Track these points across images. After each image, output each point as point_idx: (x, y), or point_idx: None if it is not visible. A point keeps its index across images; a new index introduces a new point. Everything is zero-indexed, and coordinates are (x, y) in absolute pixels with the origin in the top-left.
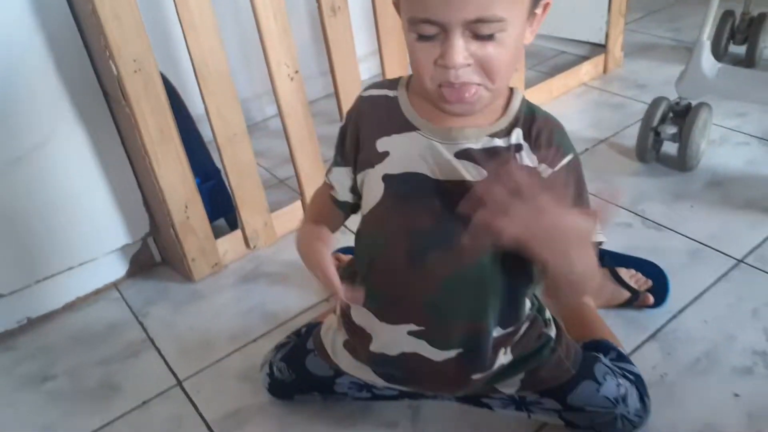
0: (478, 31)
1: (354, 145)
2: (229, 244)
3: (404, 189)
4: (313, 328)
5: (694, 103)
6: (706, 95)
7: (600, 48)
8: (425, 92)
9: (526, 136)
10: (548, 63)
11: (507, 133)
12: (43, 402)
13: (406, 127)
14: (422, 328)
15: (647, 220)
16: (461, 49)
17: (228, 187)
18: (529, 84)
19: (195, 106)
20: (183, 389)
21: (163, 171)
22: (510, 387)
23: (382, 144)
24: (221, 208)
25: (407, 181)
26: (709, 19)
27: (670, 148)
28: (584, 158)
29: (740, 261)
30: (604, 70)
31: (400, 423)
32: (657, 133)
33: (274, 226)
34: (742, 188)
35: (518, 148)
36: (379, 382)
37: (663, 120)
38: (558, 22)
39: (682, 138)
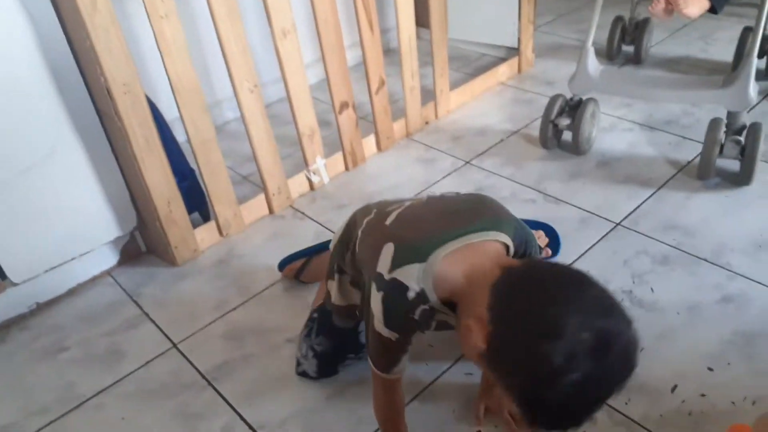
0: None
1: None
2: (206, 233)
3: None
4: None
5: (584, 98)
6: (592, 92)
7: (514, 51)
8: None
9: None
10: (472, 65)
11: None
12: (61, 368)
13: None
14: None
15: (548, 196)
16: None
17: (202, 185)
18: (454, 85)
19: (167, 112)
20: (178, 350)
21: (150, 174)
22: None
23: None
24: (196, 203)
25: None
26: (591, 29)
27: (568, 135)
28: (499, 148)
29: (618, 224)
30: (519, 70)
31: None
32: (555, 125)
33: (243, 216)
34: (624, 166)
35: None
36: None
37: (561, 113)
38: (478, 29)
39: (574, 128)
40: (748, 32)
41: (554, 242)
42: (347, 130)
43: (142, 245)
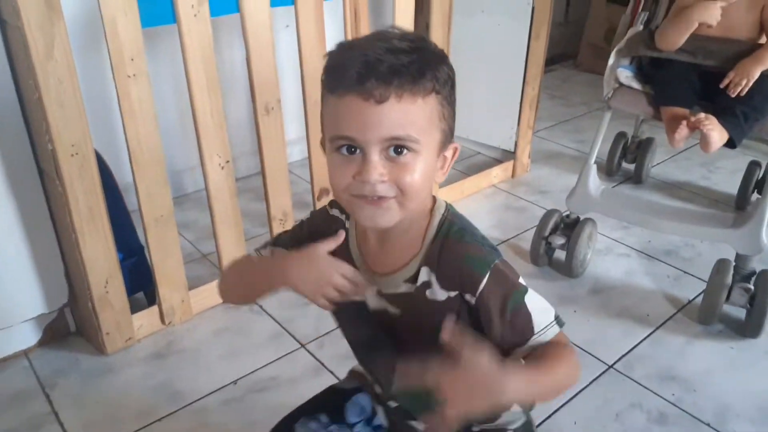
0: (392, 150)
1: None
2: (145, 319)
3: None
4: None
5: (582, 217)
6: (592, 212)
7: (510, 154)
8: (342, 202)
9: (434, 269)
10: (464, 162)
11: (415, 277)
12: None
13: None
14: None
15: None
16: (377, 165)
17: (150, 264)
18: (444, 182)
19: (124, 176)
20: None
21: (88, 247)
22: None
23: None
24: (141, 282)
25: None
26: (595, 146)
27: (561, 254)
28: None
29: (610, 366)
30: (513, 175)
31: None
32: (548, 242)
33: (191, 303)
34: (619, 297)
35: (427, 285)
36: None
37: (555, 230)
38: (475, 127)
39: (569, 249)
40: (754, 166)
41: None
42: None
43: (72, 325)
